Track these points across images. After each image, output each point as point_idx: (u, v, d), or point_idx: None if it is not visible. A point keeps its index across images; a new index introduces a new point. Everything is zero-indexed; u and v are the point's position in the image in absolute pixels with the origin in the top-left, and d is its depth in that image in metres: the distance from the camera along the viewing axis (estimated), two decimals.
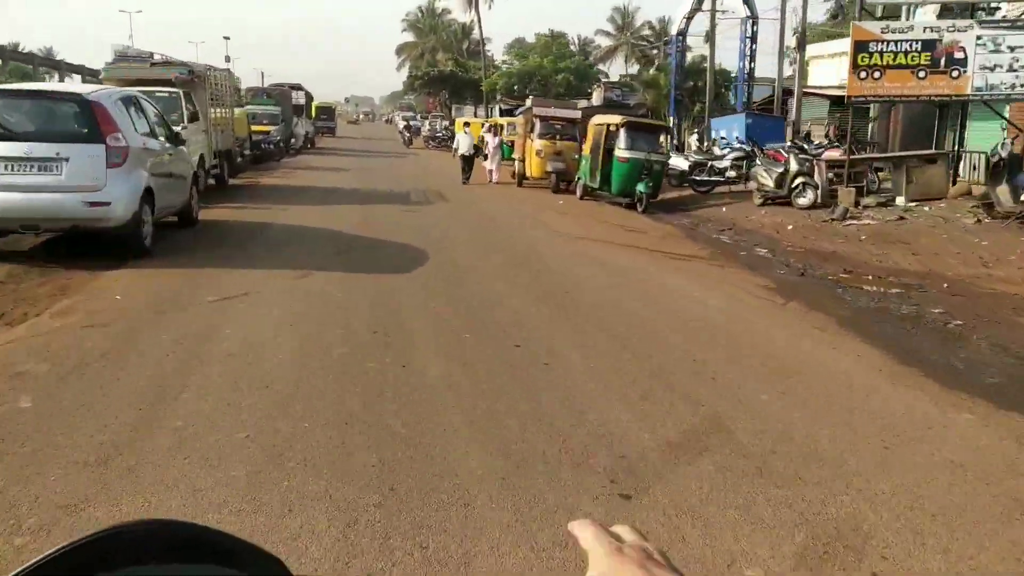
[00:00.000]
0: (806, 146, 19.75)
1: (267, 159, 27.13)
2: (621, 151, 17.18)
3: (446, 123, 50.97)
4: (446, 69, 61.94)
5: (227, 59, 70.50)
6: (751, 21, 32.58)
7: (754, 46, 33.52)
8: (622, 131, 17.29)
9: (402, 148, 42.18)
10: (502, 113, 45.11)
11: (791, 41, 43.08)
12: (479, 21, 58.09)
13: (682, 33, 36.36)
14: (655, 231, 14.17)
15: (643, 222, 15.48)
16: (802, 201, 15.26)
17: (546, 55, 50.59)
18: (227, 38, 73.07)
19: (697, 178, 19.31)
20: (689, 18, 36.87)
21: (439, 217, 14.61)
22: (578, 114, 21.31)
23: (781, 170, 15.92)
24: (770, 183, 15.97)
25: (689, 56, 40.15)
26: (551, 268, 9.87)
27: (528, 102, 22.95)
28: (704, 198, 18.91)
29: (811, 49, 49.86)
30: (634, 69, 66.00)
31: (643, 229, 14.25)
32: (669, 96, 37.37)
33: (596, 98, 40.98)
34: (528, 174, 21.20)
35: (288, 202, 15.22)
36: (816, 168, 15.43)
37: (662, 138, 17.85)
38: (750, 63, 33.14)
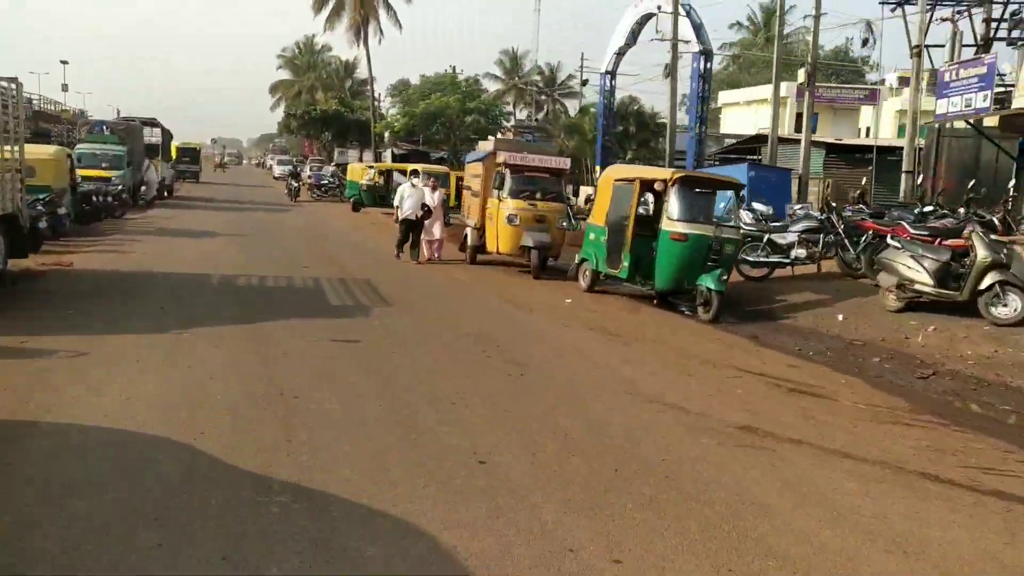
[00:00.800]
0: (865, 209, 14.14)
1: (103, 216, 19.15)
2: (674, 223, 10.76)
3: (331, 168, 43.99)
4: (330, 108, 53.65)
5: (64, 87, 60.28)
6: (703, 56, 27.43)
7: (707, 86, 28.42)
8: (674, 192, 10.89)
9: (283, 199, 33.07)
10: (395, 159, 39.76)
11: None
12: (368, 56, 49.39)
13: (611, 72, 32.27)
14: (815, 379, 7.72)
15: (743, 350, 9.04)
16: (1002, 312, 9.25)
17: (453, 93, 43.67)
18: (65, 62, 62.45)
19: (752, 259, 13.15)
20: (620, 54, 32.15)
21: (406, 356, 7.57)
22: (566, 163, 14.72)
23: (945, 258, 9.92)
24: (927, 278, 9.92)
25: (618, 96, 35.71)
26: None
27: (487, 145, 16.15)
28: (765, 289, 12.74)
29: (723, 96, 46.27)
30: (523, 114, 60.74)
31: (779, 375, 7.76)
32: (596, 142, 32.75)
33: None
34: (493, 248, 14.42)
35: (89, 328, 7.81)
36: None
37: (727, 203, 11.58)
38: (701, 106, 27.95)
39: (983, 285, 9.44)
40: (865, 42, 22.73)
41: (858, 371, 8.30)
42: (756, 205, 14.37)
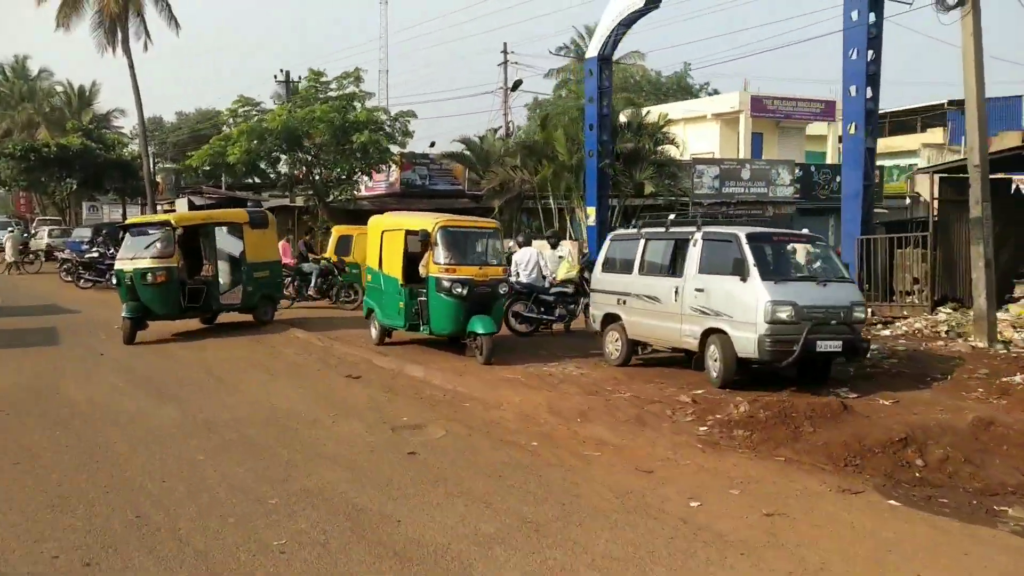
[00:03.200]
0: None
1: None
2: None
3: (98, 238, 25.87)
4: (72, 145, 36.09)
5: None
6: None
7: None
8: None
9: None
10: (192, 208, 28.03)
11: None
12: (132, 68, 31.70)
13: (605, 57, 20.81)
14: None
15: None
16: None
17: (317, 101, 25.04)
18: None
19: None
20: (626, 25, 20.29)
21: None
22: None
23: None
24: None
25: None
26: None
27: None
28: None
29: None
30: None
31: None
32: (584, 168, 21.62)
33: (385, 183, 28.46)
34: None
35: None
36: None
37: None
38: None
39: None
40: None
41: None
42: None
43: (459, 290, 10.95)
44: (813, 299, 8.91)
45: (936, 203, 15.75)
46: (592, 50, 21.53)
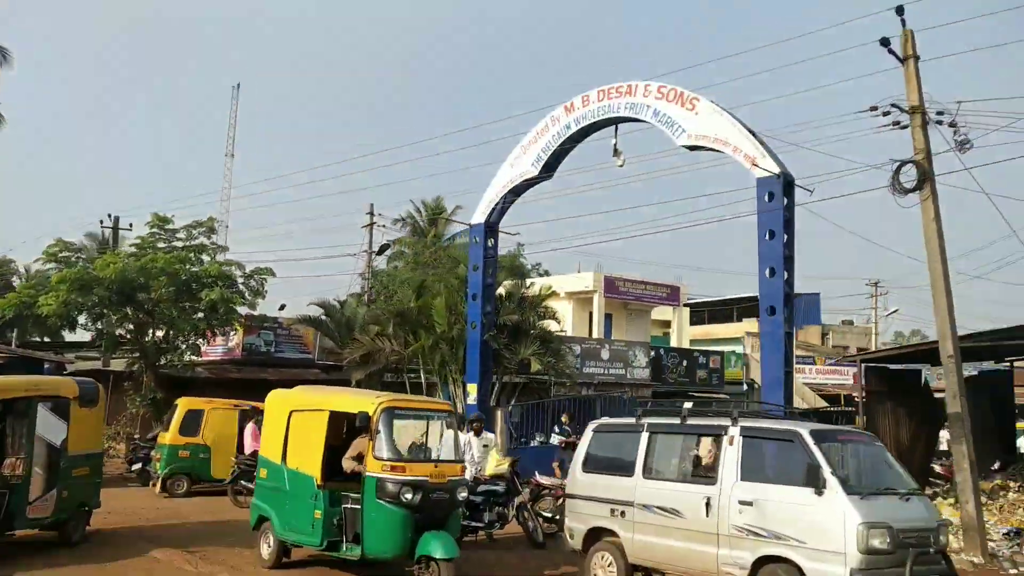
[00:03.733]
0: None
1: None
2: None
3: None
4: None
5: None
6: None
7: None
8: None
9: None
10: None
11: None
12: None
13: (491, 224, 19.63)
14: None
15: None
16: None
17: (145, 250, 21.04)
18: None
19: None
20: (515, 193, 19.50)
21: None
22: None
23: None
24: None
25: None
26: None
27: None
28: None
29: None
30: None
31: None
32: (466, 340, 19.58)
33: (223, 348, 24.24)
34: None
35: None
36: None
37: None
38: None
39: None
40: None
41: None
42: None
43: (409, 496, 8.21)
44: (904, 519, 7.14)
45: (864, 393, 15.19)
46: (479, 216, 20.23)
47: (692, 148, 16.61)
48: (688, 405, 8.91)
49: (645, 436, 8.66)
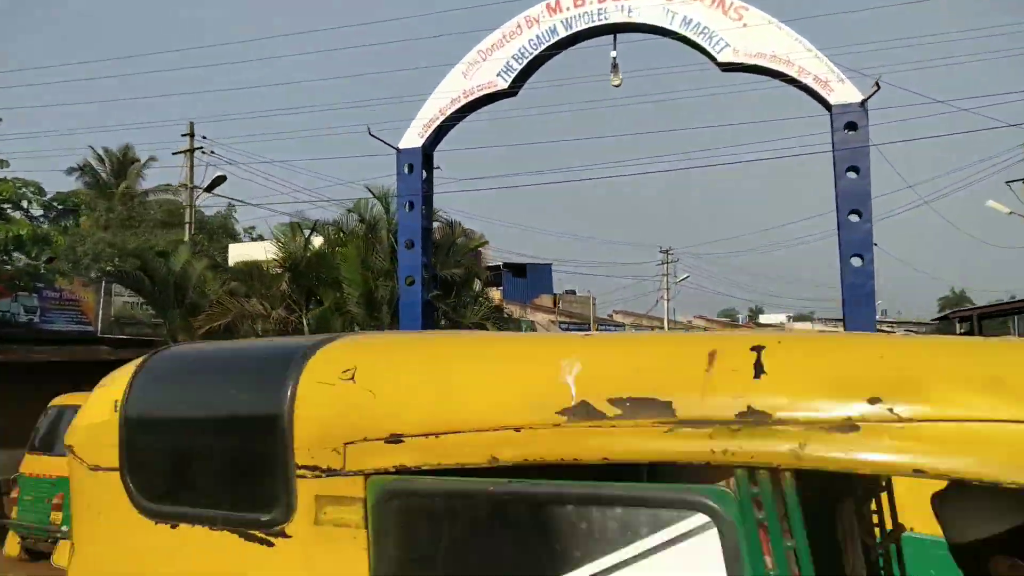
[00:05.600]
0: None
1: None
2: None
3: None
4: None
5: None
6: None
7: None
8: None
9: None
10: None
11: None
12: None
13: (429, 152, 15.48)
14: None
15: None
16: None
17: None
18: None
19: None
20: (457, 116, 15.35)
21: None
22: None
23: None
24: None
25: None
26: None
27: None
28: None
29: None
30: None
31: None
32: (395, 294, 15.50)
33: None
34: None
35: None
36: None
37: None
38: None
39: None
40: None
41: None
42: None
43: None
44: None
45: None
46: (412, 138, 15.41)
47: (733, 69, 14.07)
48: None
49: None
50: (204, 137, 19.43)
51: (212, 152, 19.18)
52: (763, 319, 70.94)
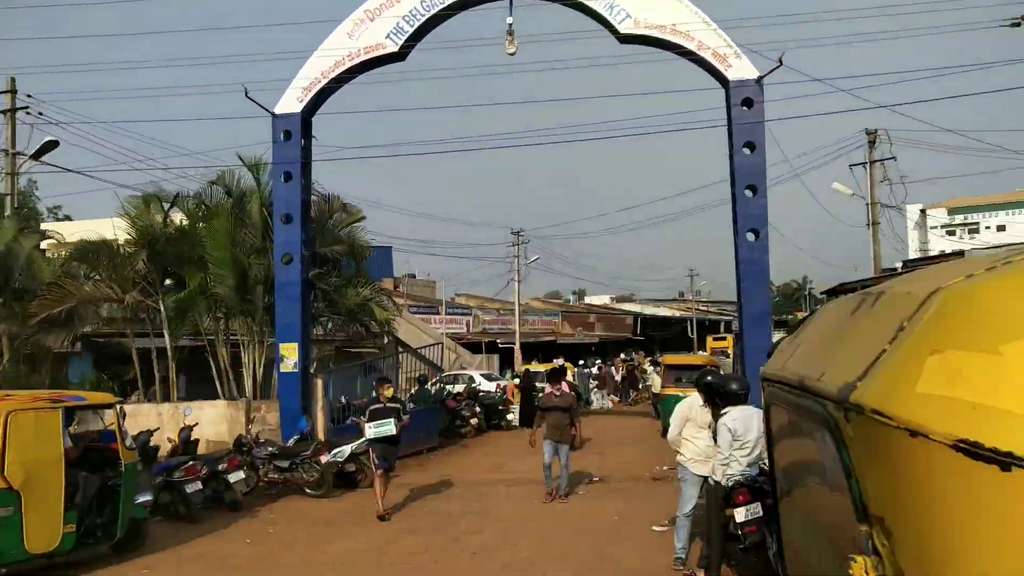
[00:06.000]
0: None
1: None
2: None
3: None
4: None
5: None
6: None
7: None
8: None
9: None
10: None
11: None
12: None
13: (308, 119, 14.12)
14: None
15: None
16: None
17: None
18: None
19: None
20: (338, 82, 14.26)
21: None
22: None
23: None
24: None
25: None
26: None
27: None
28: None
29: None
30: None
31: None
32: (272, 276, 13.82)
33: None
34: None
35: None
36: None
37: None
38: None
39: None
40: None
41: None
42: None
43: None
44: None
45: None
46: (290, 103, 14.07)
47: (631, 40, 13.85)
48: None
49: None
50: (29, 96, 16.82)
51: (40, 114, 16.64)
52: (587, 300, 73.87)
